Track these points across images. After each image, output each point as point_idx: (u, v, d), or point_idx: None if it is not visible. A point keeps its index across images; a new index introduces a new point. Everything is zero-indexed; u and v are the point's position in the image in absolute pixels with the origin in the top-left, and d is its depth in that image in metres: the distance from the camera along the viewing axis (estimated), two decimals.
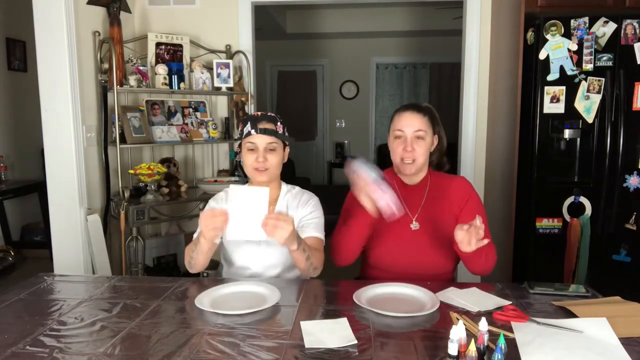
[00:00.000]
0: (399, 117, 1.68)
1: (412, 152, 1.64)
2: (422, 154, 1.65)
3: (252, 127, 1.59)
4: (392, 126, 1.70)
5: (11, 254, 3.91)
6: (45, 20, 2.56)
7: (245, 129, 1.60)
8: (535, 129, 2.51)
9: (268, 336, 1.17)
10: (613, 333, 1.14)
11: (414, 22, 6.22)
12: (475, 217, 1.40)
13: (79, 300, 1.41)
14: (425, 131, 1.65)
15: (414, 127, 1.64)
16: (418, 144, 1.64)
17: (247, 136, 1.60)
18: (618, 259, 2.52)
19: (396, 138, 1.67)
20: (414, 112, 1.66)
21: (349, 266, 1.97)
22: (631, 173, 2.47)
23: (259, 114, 1.64)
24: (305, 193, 1.72)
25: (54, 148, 2.65)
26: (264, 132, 1.59)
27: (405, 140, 1.65)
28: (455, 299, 1.38)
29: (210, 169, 3.39)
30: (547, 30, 2.44)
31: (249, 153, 1.61)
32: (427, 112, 1.69)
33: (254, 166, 1.60)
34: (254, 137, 1.59)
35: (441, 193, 1.70)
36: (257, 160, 1.59)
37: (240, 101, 3.27)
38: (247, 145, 1.61)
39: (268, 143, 1.60)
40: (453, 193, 1.70)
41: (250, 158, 1.61)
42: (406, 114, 1.67)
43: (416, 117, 1.65)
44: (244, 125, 1.62)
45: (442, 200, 1.69)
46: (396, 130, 1.67)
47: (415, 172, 1.68)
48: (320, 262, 1.59)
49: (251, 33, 3.33)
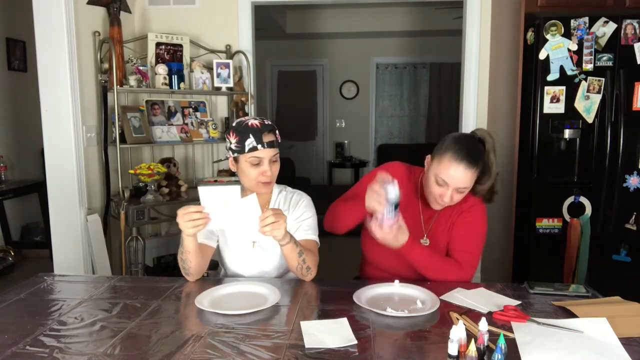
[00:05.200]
0: (449, 166, 1.49)
1: (450, 201, 1.54)
2: (457, 200, 1.56)
3: (257, 142, 1.50)
4: (437, 167, 1.52)
5: (11, 254, 3.91)
6: (45, 20, 2.57)
7: (249, 143, 1.49)
8: (535, 129, 2.51)
9: (268, 336, 1.17)
10: (613, 333, 1.14)
11: (414, 22, 6.22)
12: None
13: (79, 300, 1.41)
14: (469, 187, 1.53)
15: (460, 185, 1.50)
16: (458, 195, 1.54)
17: (252, 151, 1.50)
18: (618, 259, 2.52)
19: (437, 183, 1.53)
20: (468, 170, 1.48)
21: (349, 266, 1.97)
22: (631, 173, 2.47)
23: (258, 124, 1.52)
24: (295, 193, 1.68)
25: (54, 148, 2.65)
26: (271, 145, 1.52)
27: (446, 191, 1.52)
28: (463, 300, 1.37)
29: (210, 169, 3.39)
30: (547, 30, 2.44)
31: (252, 167, 1.52)
32: (482, 159, 1.52)
33: (261, 180, 1.53)
34: (261, 152, 1.51)
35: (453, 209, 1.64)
36: (264, 175, 1.53)
37: (240, 101, 3.27)
38: (250, 160, 1.51)
39: (272, 155, 1.54)
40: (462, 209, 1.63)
41: (254, 172, 1.53)
42: (460, 170, 1.48)
43: (468, 174, 1.49)
44: (244, 138, 1.50)
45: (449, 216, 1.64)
46: (439, 178, 1.51)
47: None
48: (314, 263, 1.54)
49: (251, 33, 3.33)
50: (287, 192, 1.68)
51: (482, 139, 1.56)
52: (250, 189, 1.58)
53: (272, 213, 1.37)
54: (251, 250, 1.63)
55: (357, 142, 7.36)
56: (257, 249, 1.62)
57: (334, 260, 1.98)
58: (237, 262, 1.65)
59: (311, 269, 1.53)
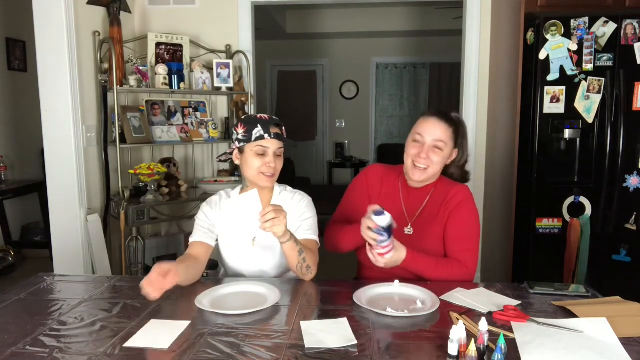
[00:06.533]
0: (422, 121, 1.63)
1: (426, 159, 1.59)
2: (436, 163, 1.60)
3: (265, 132, 1.52)
4: (414, 128, 1.65)
5: (11, 254, 3.91)
6: (45, 20, 2.57)
7: (256, 132, 1.52)
8: (535, 129, 2.51)
9: (268, 336, 1.17)
10: (613, 333, 1.14)
11: (414, 22, 6.22)
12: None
13: (79, 300, 1.41)
14: (446, 143, 1.59)
15: (434, 136, 1.59)
16: (434, 153, 1.59)
17: (258, 139, 1.52)
18: (618, 259, 2.52)
19: (414, 141, 1.62)
20: (439, 121, 1.60)
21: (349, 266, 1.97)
22: (631, 173, 2.47)
23: (266, 117, 1.56)
24: (296, 193, 1.69)
25: (54, 148, 2.65)
26: (277, 137, 1.54)
27: (423, 146, 1.59)
28: (463, 300, 1.37)
29: (210, 169, 3.39)
30: (547, 30, 2.44)
31: (257, 157, 1.54)
32: (454, 123, 1.63)
33: (264, 171, 1.55)
34: (267, 142, 1.53)
35: (441, 199, 1.66)
36: (267, 166, 1.54)
37: (240, 101, 3.27)
38: (256, 149, 1.54)
39: (278, 148, 1.56)
40: (449, 200, 1.64)
41: (257, 162, 1.54)
42: (431, 121, 1.61)
43: (440, 126, 1.59)
44: (252, 128, 1.53)
45: (439, 207, 1.65)
46: (416, 134, 1.61)
47: (424, 180, 1.64)
48: (314, 263, 1.55)
49: (251, 33, 3.34)
50: (288, 192, 1.69)
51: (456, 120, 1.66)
52: (252, 181, 1.59)
53: (273, 209, 1.38)
54: (251, 248, 1.63)
55: (357, 142, 7.36)
56: (257, 247, 1.63)
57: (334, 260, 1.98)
58: (237, 260, 1.65)
59: (311, 268, 1.53)
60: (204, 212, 1.64)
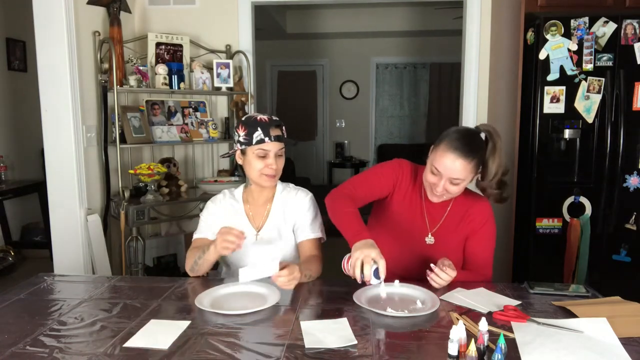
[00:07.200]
0: (441, 155, 1.49)
1: (443, 192, 1.53)
2: (454, 193, 1.55)
3: (265, 135, 1.55)
4: (432, 155, 1.53)
5: (11, 254, 3.91)
6: (45, 20, 2.56)
7: (256, 136, 1.55)
8: (535, 129, 2.51)
9: (268, 336, 1.17)
10: (613, 333, 1.14)
11: (414, 22, 6.22)
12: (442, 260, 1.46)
13: (79, 300, 1.41)
14: (464, 179, 1.50)
15: (451, 175, 1.48)
16: (453, 185, 1.51)
17: (259, 143, 1.56)
18: (618, 259, 2.52)
19: (432, 172, 1.53)
20: (457, 157, 1.46)
21: None
22: (631, 173, 2.47)
23: (267, 118, 1.58)
24: (299, 190, 1.73)
25: (54, 148, 2.65)
26: (278, 139, 1.58)
27: (440, 179, 1.51)
28: (463, 300, 1.38)
29: (210, 169, 3.39)
30: (547, 30, 2.44)
31: (258, 159, 1.59)
32: (478, 153, 1.50)
33: (265, 172, 1.60)
34: (268, 145, 1.57)
35: (462, 212, 1.65)
36: (269, 167, 1.59)
37: (240, 101, 3.27)
38: (257, 152, 1.58)
39: (278, 149, 1.60)
40: (472, 215, 1.63)
41: (259, 164, 1.59)
42: (449, 158, 1.47)
43: (458, 164, 1.47)
44: (252, 131, 1.56)
45: (461, 219, 1.64)
46: (434, 166, 1.51)
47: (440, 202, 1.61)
48: (318, 271, 1.59)
49: (251, 33, 3.33)
50: (291, 189, 1.73)
51: (485, 134, 1.55)
52: (255, 181, 1.64)
53: (287, 273, 1.39)
54: (253, 244, 1.65)
55: (357, 142, 7.36)
56: (259, 242, 1.66)
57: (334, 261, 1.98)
58: (239, 256, 1.66)
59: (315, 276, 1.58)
60: (209, 209, 1.70)
